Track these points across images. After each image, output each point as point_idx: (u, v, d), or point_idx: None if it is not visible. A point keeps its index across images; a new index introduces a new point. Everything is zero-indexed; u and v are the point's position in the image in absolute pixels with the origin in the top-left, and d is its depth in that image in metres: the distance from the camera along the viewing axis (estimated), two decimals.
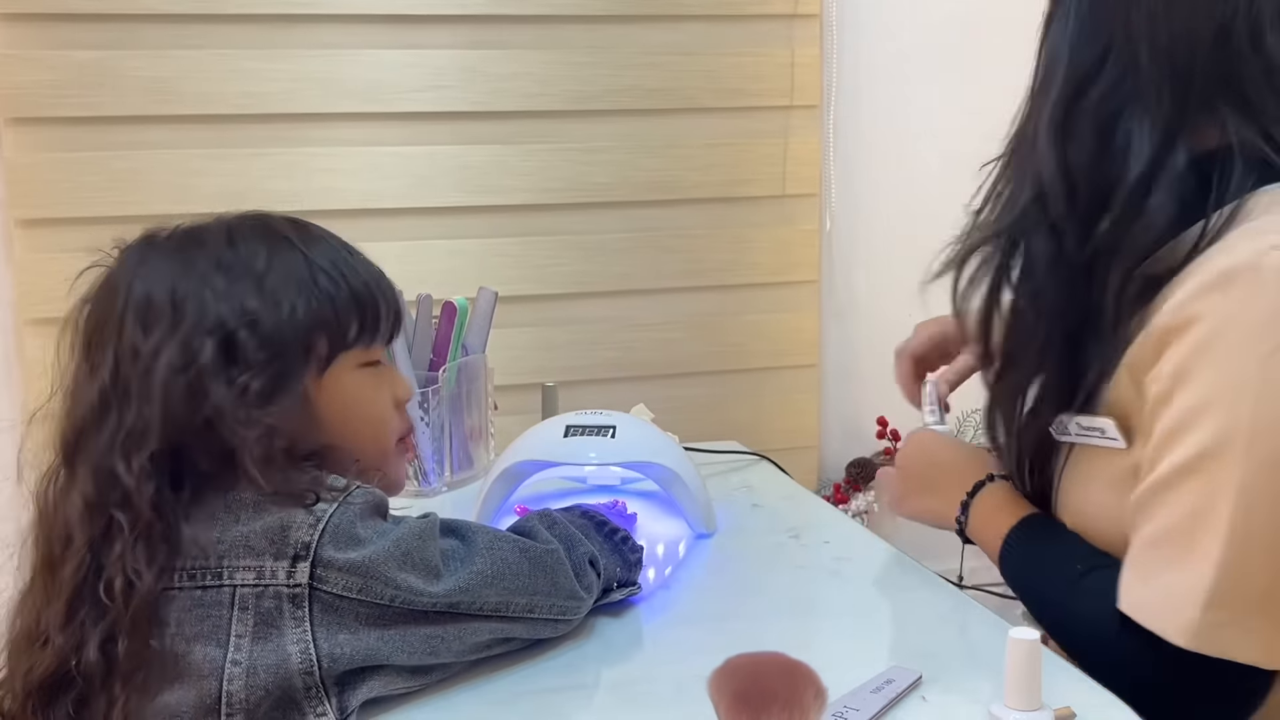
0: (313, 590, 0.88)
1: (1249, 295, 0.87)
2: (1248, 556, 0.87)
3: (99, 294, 0.98)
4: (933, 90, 2.03)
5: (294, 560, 0.88)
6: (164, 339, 0.92)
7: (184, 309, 0.93)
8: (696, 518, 1.30)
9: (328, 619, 0.89)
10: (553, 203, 1.89)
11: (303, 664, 0.88)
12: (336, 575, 0.88)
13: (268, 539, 0.89)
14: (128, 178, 1.75)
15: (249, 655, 0.87)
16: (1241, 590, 0.87)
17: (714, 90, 1.93)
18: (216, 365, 0.91)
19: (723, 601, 1.14)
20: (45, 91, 1.70)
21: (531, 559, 0.98)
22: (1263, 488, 0.86)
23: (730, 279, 1.98)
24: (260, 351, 0.92)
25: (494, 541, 0.97)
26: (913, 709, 0.91)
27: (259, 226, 0.99)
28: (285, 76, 1.78)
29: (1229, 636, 0.88)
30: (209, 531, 0.89)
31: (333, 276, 0.98)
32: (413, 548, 0.92)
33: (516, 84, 1.86)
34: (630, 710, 0.94)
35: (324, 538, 0.89)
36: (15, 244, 1.73)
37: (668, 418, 1.59)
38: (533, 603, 0.98)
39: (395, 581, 0.90)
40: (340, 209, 1.78)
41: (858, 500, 2.04)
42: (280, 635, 0.88)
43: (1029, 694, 0.79)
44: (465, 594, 0.93)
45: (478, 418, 1.55)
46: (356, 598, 0.89)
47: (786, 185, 1.97)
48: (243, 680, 0.87)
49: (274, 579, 0.88)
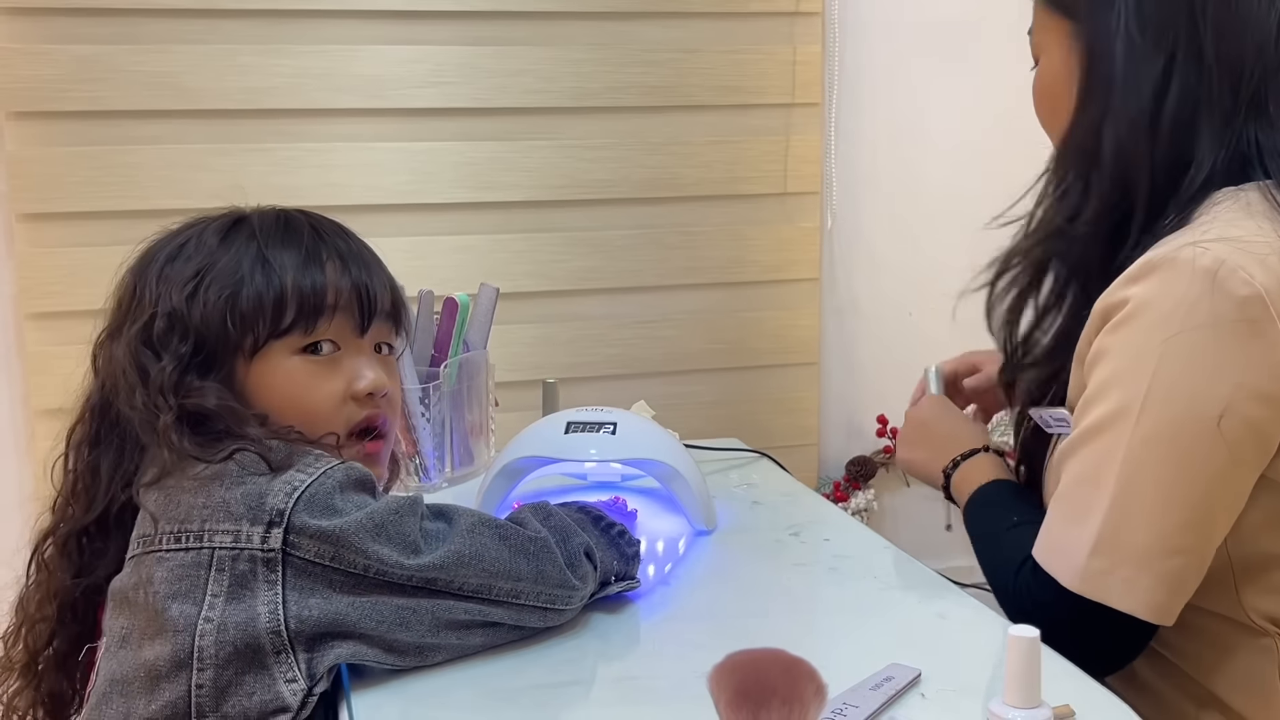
0: (285, 555, 0.91)
1: (1163, 284, 0.97)
2: (1129, 514, 0.98)
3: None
4: (935, 88, 2.03)
5: (269, 526, 0.91)
6: (125, 317, 1.03)
7: (140, 292, 1.03)
8: (697, 515, 1.30)
9: (300, 583, 0.91)
10: (554, 199, 1.89)
11: (270, 623, 0.90)
12: (309, 542, 0.91)
13: (246, 504, 0.92)
14: (129, 172, 1.75)
15: (221, 613, 0.91)
16: (1122, 544, 0.98)
17: (716, 87, 1.92)
18: (144, 346, 1.00)
19: (722, 598, 1.14)
20: (47, 85, 1.70)
21: (512, 545, 0.99)
22: (1147, 456, 0.97)
23: (731, 276, 1.98)
24: (171, 336, 1.00)
25: (476, 525, 0.99)
26: (912, 706, 0.91)
27: (246, 219, 1.07)
28: (287, 72, 1.78)
29: (1108, 584, 0.98)
30: (193, 496, 0.94)
31: (274, 268, 1.02)
32: (388, 520, 0.94)
33: (518, 80, 1.86)
34: (629, 706, 0.94)
35: (298, 505, 0.92)
36: (16, 238, 1.73)
37: (668, 415, 1.59)
38: (518, 588, 0.98)
39: (368, 551, 0.92)
40: (342, 204, 1.78)
41: (857, 498, 2.05)
42: (253, 596, 0.91)
43: (1028, 691, 0.79)
44: (441, 571, 0.95)
45: (479, 413, 1.55)
46: (329, 564, 0.92)
47: (788, 183, 1.97)
48: (213, 636, 0.90)
49: (249, 543, 0.91)
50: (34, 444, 1.76)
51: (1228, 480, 0.97)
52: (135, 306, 1.02)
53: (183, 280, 1.01)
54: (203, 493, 0.94)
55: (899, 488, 2.09)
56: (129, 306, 1.03)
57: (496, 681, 0.96)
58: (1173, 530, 0.97)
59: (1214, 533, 0.99)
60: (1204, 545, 0.99)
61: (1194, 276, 0.95)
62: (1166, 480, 0.97)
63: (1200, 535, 0.98)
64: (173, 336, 1.00)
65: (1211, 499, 0.97)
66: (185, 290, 1.01)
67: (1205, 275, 0.95)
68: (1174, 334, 0.96)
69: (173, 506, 0.94)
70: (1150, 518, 0.97)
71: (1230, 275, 0.95)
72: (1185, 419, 0.96)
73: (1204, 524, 0.98)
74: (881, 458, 2.06)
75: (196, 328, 1.00)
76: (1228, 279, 0.95)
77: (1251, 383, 0.95)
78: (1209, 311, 0.95)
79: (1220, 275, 0.95)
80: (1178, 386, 0.96)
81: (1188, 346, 0.96)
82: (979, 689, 0.93)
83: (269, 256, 1.02)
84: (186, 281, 1.01)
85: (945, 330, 2.06)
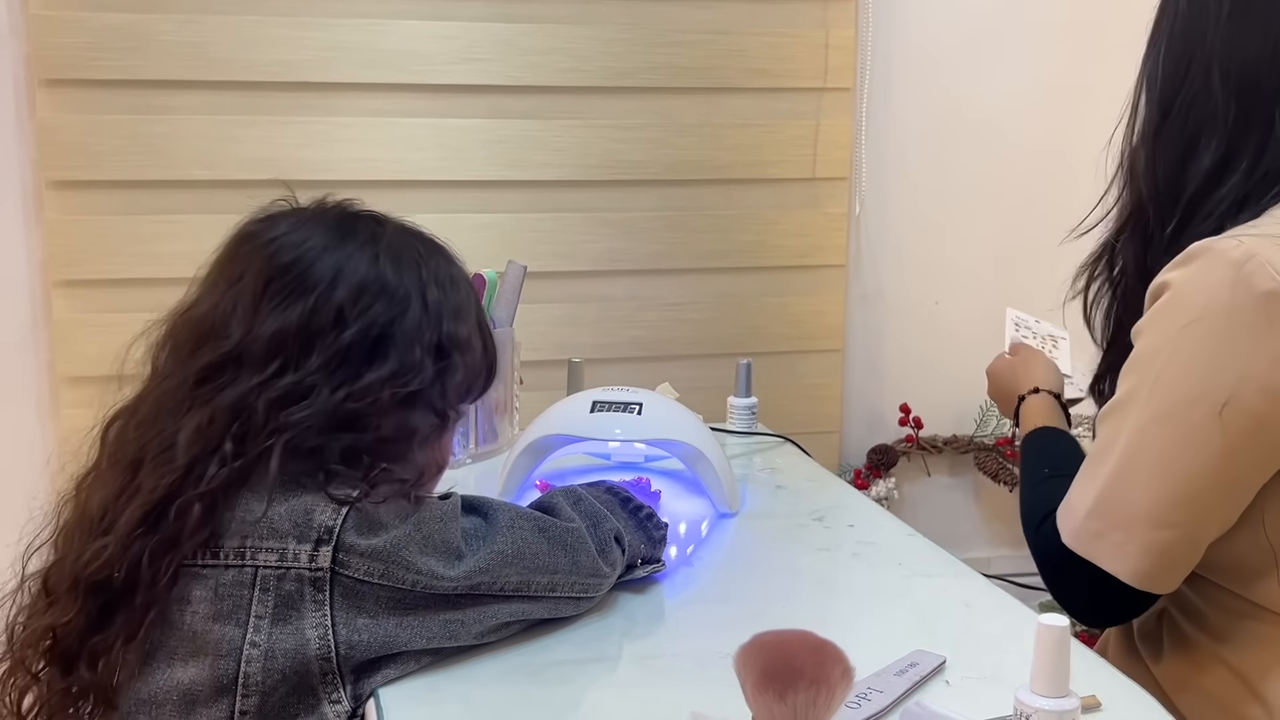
0: (334, 574, 0.88)
1: (1196, 272, 0.99)
2: (1125, 484, 1.02)
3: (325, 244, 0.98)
4: (968, 77, 2.02)
5: (316, 544, 0.89)
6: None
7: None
8: (721, 497, 1.30)
9: (347, 604, 0.89)
10: (583, 179, 1.89)
11: (320, 650, 0.88)
12: (358, 560, 0.89)
13: (291, 521, 0.89)
14: (158, 142, 1.75)
15: (268, 637, 0.87)
16: (1115, 511, 1.02)
17: (747, 70, 1.91)
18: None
19: (746, 581, 1.14)
20: (78, 53, 1.70)
21: (551, 538, 0.98)
22: (1150, 433, 1.01)
23: (757, 261, 1.97)
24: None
25: (515, 520, 0.97)
26: (936, 692, 0.91)
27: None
28: (317, 45, 1.77)
29: (1099, 546, 1.03)
30: (228, 510, 0.90)
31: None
32: (433, 530, 0.92)
33: (550, 59, 1.85)
34: (652, 683, 0.94)
35: (347, 522, 0.89)
36: (46, 205, 1.73)
37: (690, 398, 1.59)
38: (554, 581, 0.98)
39: (416, 566, 0.90)
40: (371, 180, 1.78)
41: (878, 486, 2.04)
42: (300, 618, 0.88)
43: (1057, 681, 0.79)
44: (485, 574, 0.93)
45: (503, 391, 1.54)
46: (378, 583, 0.89)
47: (817, 168, 1.96)
48: (260, 663, 0.87)
49: (296, 561, 0.88)
50: (59, 410, 1.77)
51: (1221, 468, 0.99)
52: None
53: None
54: (240, 507, 0.90)
55: (920, 477, 2.08)
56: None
57: (522, 657, 0.96)
58: (1164, 504, 1.00)
59: (1206, 516, 1.02)
60: (1195, 525, 1.02)
61: (1224, 266, 0.97)
62: (1165, 457, 1.00)
63: (1191, 514, 1.01)
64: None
65: (1204, 481, 1.00)
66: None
67: (1233, 266, 0.97)
68: (1192, 320, 0.98)
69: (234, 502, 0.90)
70: (1144, 489, 1.01)
71: (1258, 269, 0.96)
72: (1189, 402, 0.99)
73: (1195, 504, 1.01)
74: (903, 446, 2.05)
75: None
76: (1254, 272, 0.96)
77: (1258, 376, 0.97)
78: (1228, 301, 0.97)
79: (1247, 268, 0.96)
80: (1187, 371, 0.99)
81: (1202, 333, 0.98)
82: (1004, 677, 0.93)
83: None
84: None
85: (970, 321, 2.07)
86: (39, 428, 1.78)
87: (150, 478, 0.90)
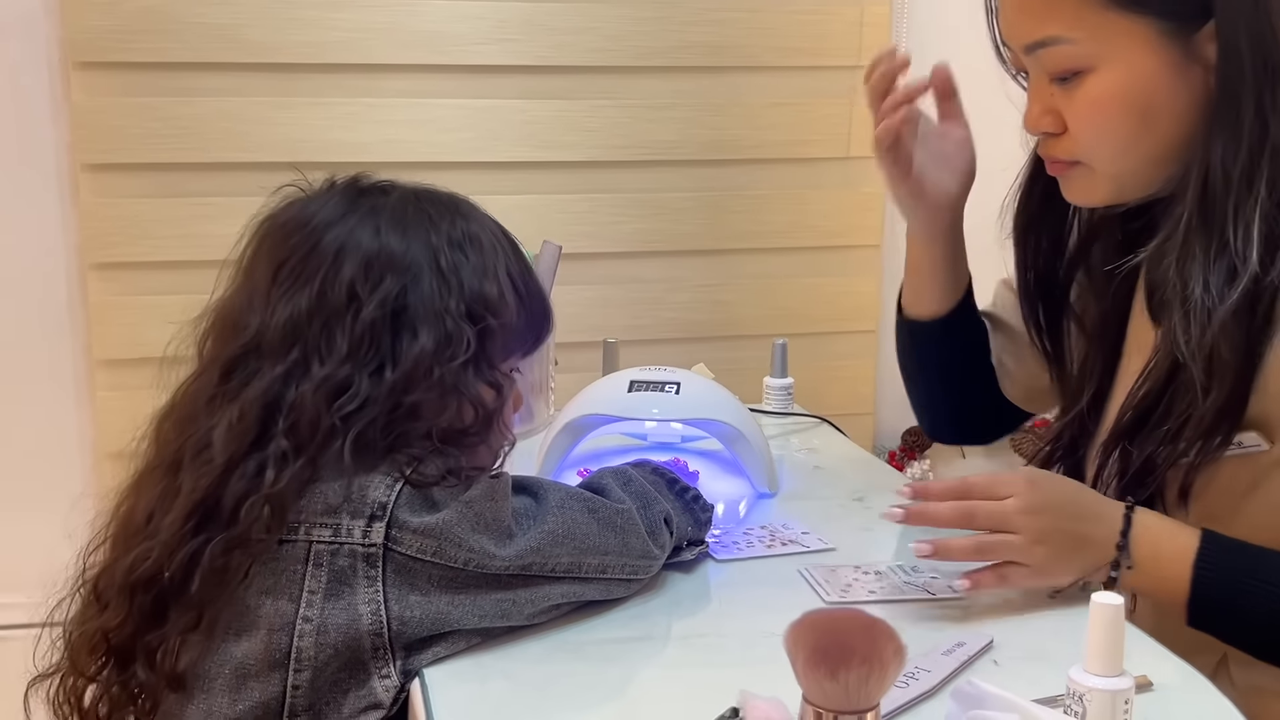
0: (387, 550, 0.88)
1: None
2: None
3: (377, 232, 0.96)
4: None
5: (370, 520, 0.88)
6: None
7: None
8: (759, 477, 1.29)
9: (400, 580, 0.89)
10: (616, 159, 1.88)
11: (372, 625, 0.88)
12: (411, 537, 0.88)
13: (345, 497, 0.89)
14: (190, 124, 1.75)
15: (320, 612, 0.87)
16: None
17: (780, 48, 1.90)
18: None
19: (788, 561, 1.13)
20: (112, 36, 1.70)
21: (601, 519, 0.97)
22: None
23: (791, 241, 1.96)
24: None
25: (565, 500, 0.97)
26: (985, 672, 0.90)
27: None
28: (348, 26, 1.77)
29: None
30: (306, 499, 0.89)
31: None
32: (485, 509, 0.91)
33: (581, 38, 1.84)
34: (698, 662, 0.94)
35: (400, 499, 0.89)
36: (81, 188, 1.74)
37: (725, 379, 1.57)
38: (605, 563, 0.97)
39: (468, 544, 0.89)
40: (402, 161, 1.77)
41: (912, 468, 2.03)
42: (352, 594, 0.88)
43: (1111, 659, 0.78)
44: (537, 554, 0.92)
45: (539, 371, 1.54)
46: (430, 560, 0.89)
47: (851, 147, 1.94)
48: (313, 637, 0.87)
49: (349, 537, 0.88)
50: (95, 393, 1.77)
51: None
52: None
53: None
54: (307, 495, 0.89)
55: (954, 459, 2.06)
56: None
57: (566, 635, 0.96)
58: None
59: None
60: None
61: None
62: None
63: None
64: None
65: None
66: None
67: None
68: None
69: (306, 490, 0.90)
70: None
71: None
72: None
73: None
74: None
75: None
76: None
77: None
78: None
79: None
80: None
81: None
82: (1052, 657, 0.92)
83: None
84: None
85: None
86: (75, 410, 1.79)
87: (190, 478, 0.90)
